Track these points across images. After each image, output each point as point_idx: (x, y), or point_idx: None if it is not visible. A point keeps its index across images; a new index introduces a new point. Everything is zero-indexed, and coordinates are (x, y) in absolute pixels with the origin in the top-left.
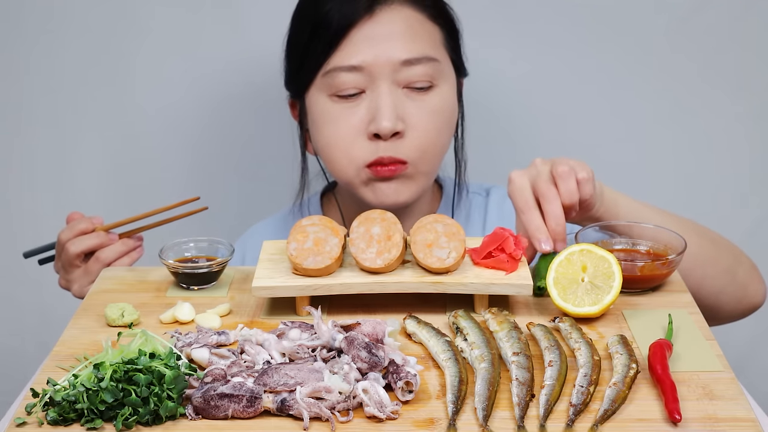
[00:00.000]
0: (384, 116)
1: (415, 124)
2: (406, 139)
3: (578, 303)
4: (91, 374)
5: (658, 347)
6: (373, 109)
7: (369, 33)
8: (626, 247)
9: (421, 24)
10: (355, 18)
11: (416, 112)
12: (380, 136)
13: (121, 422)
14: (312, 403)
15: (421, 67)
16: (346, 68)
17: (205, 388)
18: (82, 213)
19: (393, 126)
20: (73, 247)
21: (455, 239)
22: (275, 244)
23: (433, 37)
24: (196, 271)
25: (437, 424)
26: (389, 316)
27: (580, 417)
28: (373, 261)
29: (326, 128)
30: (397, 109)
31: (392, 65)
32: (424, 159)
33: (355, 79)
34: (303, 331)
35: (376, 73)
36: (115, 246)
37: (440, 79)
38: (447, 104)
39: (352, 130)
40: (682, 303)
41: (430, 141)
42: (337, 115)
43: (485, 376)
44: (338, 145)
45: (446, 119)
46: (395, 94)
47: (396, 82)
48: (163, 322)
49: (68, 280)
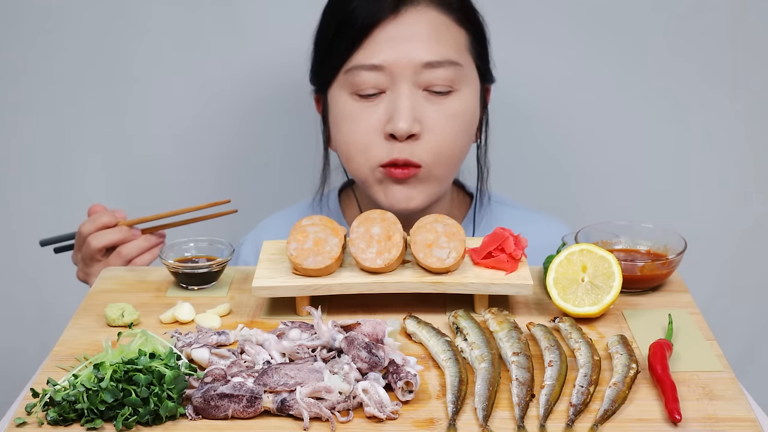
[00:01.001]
0: (401, 117)
1: (431, 127)
2: (422, 141)
3: (578, 303)
4: (91, 374)
5: (658, 347)
6: (391, 110)
7: (392, 33)
8: (626, 247)
9: (447, 27)
10: (380, 17)
11: (434, 115)
12: (396, 136)
13: (121, 422)
14: (312, 403)
15: (443, 71)
16: (368, 67)
17: (205, 388)
18: (103, 205)
19: (409, 128)
20: (95, 241)
21: (455, 239)
22: (275, 244)
23: (458, 41)
24: (196, 271)
25: (437, 424)
26: (389, 316)
27: (580, 417)
28: (373, 261)
29: (345, 126)
30: (414, 111)
31: (413, 67)
32: (439, 163)
33: (375, 78)
34: (303, 331)
35: (397, 73)
36: (138, 242)
37: (462, 84)
38: (467, 109)
39: (369, 129)
40: (682, 303)
41: (446, 145)
42: (357, 113)
43: (485, 376)
44: (355, 144)
45: (465, 124)
46: (414, 96)
47: (416, 84)
48: (163, 322)
49: (87, 273)
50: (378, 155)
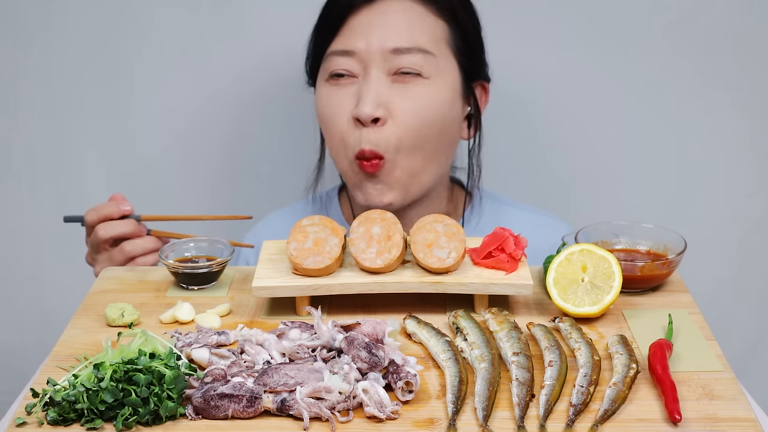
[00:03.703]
0: (365, 102)
1: (395, 113)
2: (387, 127)
3: (578, 303)
4: (91, 374)
5: (658, 347)
6: (359, 95)
7: (366, 20)
8: (626, 247)
9: (422, 17)
10: (355, 5)
11: (399, 101)
12: (361, 121)
13: (121, 422)
14: (312, 403)
15: (411, 57)
16: (340, 53)
17: (205, 388)
18: (123, 195)
19: (372, 111)
20: (102, 231)
21: (455, 239)
22: (275, 244)
23: (434, 31)
24: (196, 271)
25: (437, 424)
26: (389, 316)
27: (580, 417)
28: (373, 261)
29: (323, 112)
30: (380, 96)
31: (382, 53)
32: (403, 152)
33: (347, 63)
34: (303, 331)
35: (368, 60)
36: (144, 242)
37: (433, 73)
38: (436, 99)
39: (341, 112)
40: (682, 303)
41: (410, 132)
42: (331, 98)
43: (485, 376)
44: (334, 130)
45: (432, 114)
46: (382, 82)
47: (386, 70)
48: (163, 322)
49: (94, 258)
50: (351, 144)
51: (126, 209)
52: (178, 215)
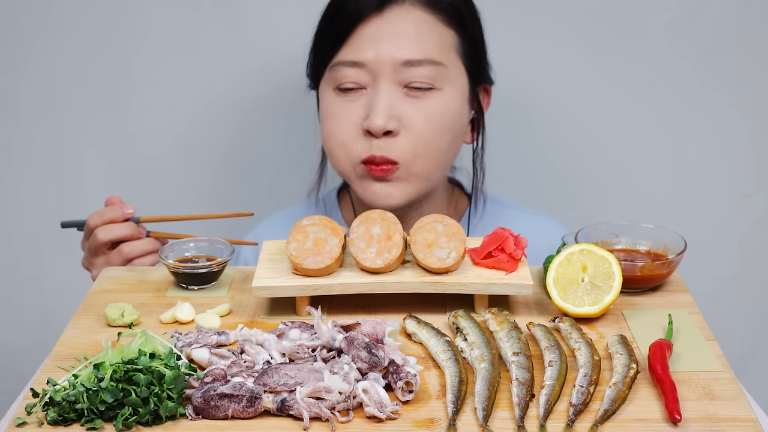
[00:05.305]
0: (377, 114)
1: (409, 125)
2: (399, 139)
3: (578, 303)
4: (91, 374)
5: (658, 347)
6: (369, 106)
7: (375, 30)
8: (626, 247)
9: (432, 26)
10: (365, 14)
11: (412, 113)
12: (372, 133)
13: (121, 422)
14: (312, 403)
15: (423, 69)
16: (349, 63)
17: (205, 388)
18: (121, 198)
19: (384, 124)
20: (101, 234)
21: (455, 239)
22: (275, 244)
23: (444, 40)
24: (196, 271)
25: (437, 424)
26: (389, 316)
27: (580, 417)
28: (373, 261)
29: (327, 121)
30: (392, 109)
31: (393, 65)
32: (417, 161)
33: (357, 74)
34: (303, 331)
35: (378, 71)
36: (142, 243)
37: (444, 84)
38: (448, 109)
39: (349, 124)
40: (682, 303)
41: (424, 143)
42: (338, 109)
43: (485, 376)
44: (337, 139)
45: (445, 124)
46: (393, 94)
47: (397, 81)
48: (163, 322)
49: (91, 262)
50: (357, 151)
51: (129, 212)
52: (178, 215)
